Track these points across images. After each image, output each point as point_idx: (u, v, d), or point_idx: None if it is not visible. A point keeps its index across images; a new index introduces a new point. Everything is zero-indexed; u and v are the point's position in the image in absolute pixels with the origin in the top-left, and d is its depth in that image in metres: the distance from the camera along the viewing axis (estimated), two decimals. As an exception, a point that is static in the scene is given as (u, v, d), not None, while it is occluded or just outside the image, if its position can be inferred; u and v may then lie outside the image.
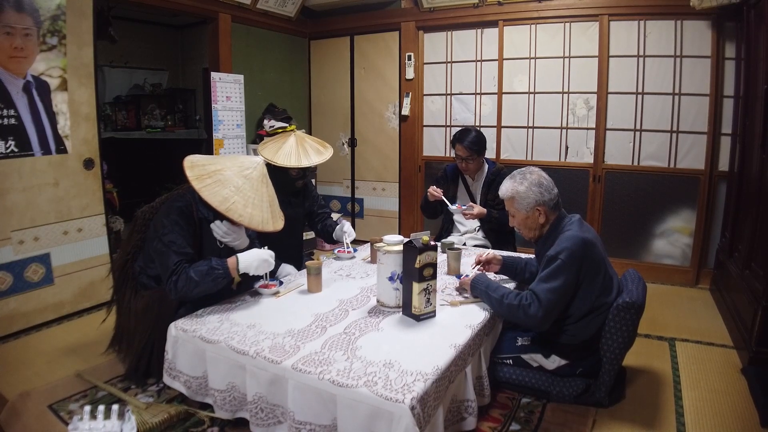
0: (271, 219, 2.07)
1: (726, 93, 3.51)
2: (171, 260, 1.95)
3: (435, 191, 2.98)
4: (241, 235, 2.17)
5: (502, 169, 3.09)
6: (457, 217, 3.18)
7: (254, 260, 2.01)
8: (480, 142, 2.97)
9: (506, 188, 2.09)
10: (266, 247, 2.10)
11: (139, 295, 2.16)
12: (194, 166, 1.99)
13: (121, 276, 2.26)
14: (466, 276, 2.19)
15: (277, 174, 2.54)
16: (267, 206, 2.07)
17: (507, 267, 2.36)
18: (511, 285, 2.32)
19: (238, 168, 2.05)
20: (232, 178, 2.01)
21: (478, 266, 2.32)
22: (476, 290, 2.08)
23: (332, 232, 2.82)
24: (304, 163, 2.54)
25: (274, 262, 2.07)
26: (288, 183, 2.64)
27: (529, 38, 4.02)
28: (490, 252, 2.39)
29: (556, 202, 2.06)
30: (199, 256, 2.09)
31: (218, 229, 2.12)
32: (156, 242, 2.02)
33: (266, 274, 2.12)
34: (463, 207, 2.95)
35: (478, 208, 2.92)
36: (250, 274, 2.04)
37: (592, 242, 1.96)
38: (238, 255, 2.01)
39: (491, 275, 2.34)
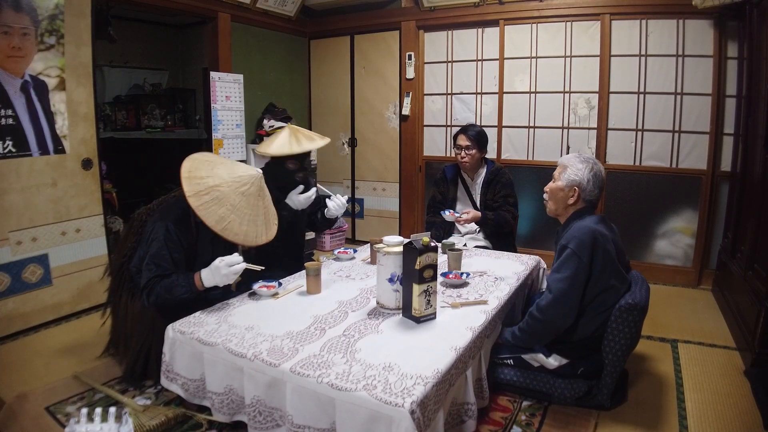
0: (265, 230, 2.08)
1: (728, 92, 3.49)
2: (146, 275, 1.96)
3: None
4: None
5: (501, 168, 3.09)
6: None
7: (215, 276, 1.96)
8: (482, 136, 3.04)
9: (569, 156, 2.14)
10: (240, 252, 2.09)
11: (135, 297, 2.15)
12: (192, 177, 1.94)
13: (117, 277, 2.25)
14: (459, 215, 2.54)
15: (274, 169, 2.54)
16: (262, 219, 2.07)
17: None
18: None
19: (236, 184, 2.02)
20: (229, 196, 1.98)
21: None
22: (508, 342, 2.12)
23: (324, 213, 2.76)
24: (295, 149, 2.50)
25: (239, 270, 1.99)
26: (287, 176, 2.58)
27: (530, 37, 4.00)
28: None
29: (591, 199, 2.09)
30: (194, 256, 2.10)
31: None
32: (145, 246, 2.03)
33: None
34: (457, 214, 2.97)
35: (471, 212, 2.96)
36: (220, 286, 2.02)
37: (606, 235, 1.96)
38: (202, 271, 1.98)
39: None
